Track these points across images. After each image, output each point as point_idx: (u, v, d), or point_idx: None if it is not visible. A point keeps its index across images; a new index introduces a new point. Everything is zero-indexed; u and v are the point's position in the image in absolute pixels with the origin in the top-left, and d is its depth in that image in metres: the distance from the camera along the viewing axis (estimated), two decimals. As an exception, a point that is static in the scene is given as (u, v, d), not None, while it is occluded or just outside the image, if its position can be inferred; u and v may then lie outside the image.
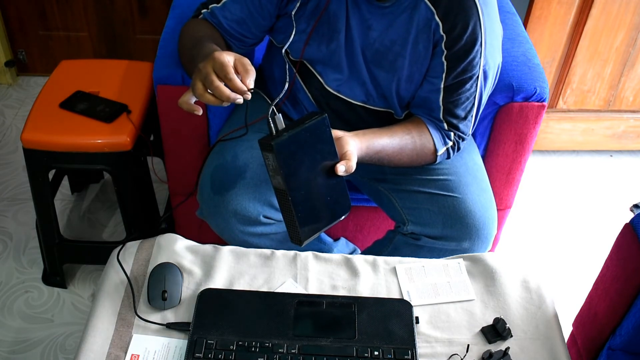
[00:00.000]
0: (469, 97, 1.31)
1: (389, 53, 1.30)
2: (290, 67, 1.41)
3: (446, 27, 1.24)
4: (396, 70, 1.32)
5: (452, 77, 1.28)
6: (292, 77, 1.42)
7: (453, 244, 1.37)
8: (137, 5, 2.44)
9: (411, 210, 1.41)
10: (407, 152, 1.34)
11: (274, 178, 1.06)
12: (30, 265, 1.91)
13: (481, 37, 1.24)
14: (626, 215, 2.17)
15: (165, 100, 1.51)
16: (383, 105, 1.39)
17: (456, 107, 1.31)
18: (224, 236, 1.42)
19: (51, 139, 1.59)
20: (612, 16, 2.07)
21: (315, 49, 1.34)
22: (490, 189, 1.45)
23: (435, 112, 1.33)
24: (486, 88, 1.32)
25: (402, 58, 1.30)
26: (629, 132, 2.40)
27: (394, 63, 1.31)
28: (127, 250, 1.24)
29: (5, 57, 2.55)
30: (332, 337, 1.09)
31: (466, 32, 1.23)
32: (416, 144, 1.34)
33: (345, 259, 1.25)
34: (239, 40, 1.39)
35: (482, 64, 1.27)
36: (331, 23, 1.31)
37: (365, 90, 1.37)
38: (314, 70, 1.38)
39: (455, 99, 1.30)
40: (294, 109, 1.49)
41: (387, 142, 1.30)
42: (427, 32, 1.26)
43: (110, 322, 1.12)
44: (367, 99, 1.38)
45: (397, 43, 1.29)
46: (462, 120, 1.33)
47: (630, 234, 1.14)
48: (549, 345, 1.12)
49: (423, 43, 1.27)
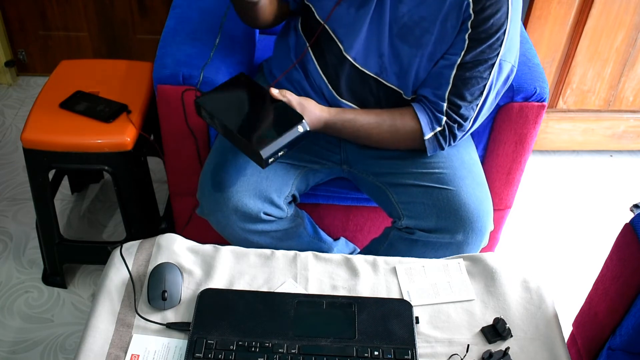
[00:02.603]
0: (480, 82, 1.31)
1: (416, 28, 1.31)
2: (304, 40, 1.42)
3: (477, 7, 1.25)
4: (421, 46, 1.32)
5: (471, 56, 1.29)
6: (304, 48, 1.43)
7: (447, 236, 1.37)
8: (137, 5, 2.44)
9: (406, 204, 1.41)
10: (385, 127, 1.37)
11: (216, 125, 1.28)
12: (30, 265, 1.91)
13: (507, 25, 1.27)
14: (626, 215, 2.17)
15: (165, 100, 1.51)
16: (395, 83, 1.39)
17: (465, 88, 1.31)
18: (225, 234, 1.42)
19: (51, 139, 1.59)
20: (612, 16, 2.07)
21: (344, 11, 1.35)
22: (485, 183, 1.45)
23: (443, 89, 1.33)
24: (497, 82, 1.33)
25: (429, 34, 1.31)
26: (629, 132, 2.40)
27: (420, 39, 1.32)
28: (127, 250, 1.24)
29: (5, 57, 2.55)
30: (332, 337, 1.09)
31: (495, 16, 1.25)
32: (396, 121, 1.37)
33: (345, 259, 1.25)
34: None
35: (501, 54, 1.29)
36: None
37: (381, 62, 1.37)
38: (335, 36, 1.38)
39: (467, 78, 1.31)
40: (307, 80, 1.48)
41: (361, 113, 1.38)
42: (458, 10, 1.27)
43: (110, 322, 1.12)
44: (380, 71, 1.38)
45: (426, 19, 1.30)
46: (467, 103, 1.33)
47: (630, 234, 1.14)
48: (549, 345, 1.12)
49: (451, 22, 1.29)
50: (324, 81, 1.44)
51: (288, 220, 1.48)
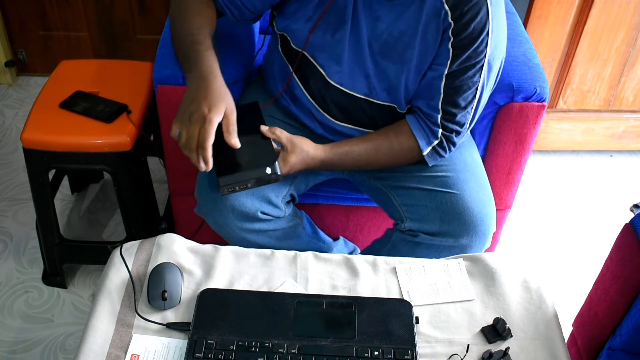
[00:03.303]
0: (471, 87, 1.30)
1: (397, 44, 1.30)
2: (287, 63, 1.41)
3: (455, 15, 1.23)
4: (405, 62, 1.31)
5: (457, 64, 1.27)
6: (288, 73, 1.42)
7: (450, 240, 1.37)
8: (137, 5, 2.44)
9: (409, 207, 1.41)
10: (383, 151, 1.36)
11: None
12: (30, 265, 1.91)
13: (488, 26, 1.24)
14: (626, 215, 2.17)
15: (165, 100, 1.51)
16: (387, 99, 1.38)
17: (457, 95, 1.30)
18: (222, 233, 1.42)
19: (51, 139, 1.59)
20: (612, 16, 2.07)
21: (320, 38, 1.33)
22: (488, 186, 1.45)
23: (435, 100, 1.32)
24: (489, 81, 1.32)
25: (411, 49, 1.29)
26: (629, 132, 2.40)
27: (403, 54, 1.30)
28: (127, 250, 1.24)
29: (5, 57, 2.55)
30: (332, 337, 1.09)
31: (474, 20, 1.23)
32: (393, 143, 1.36)
33: (345, 259, 1.25)
34: (238, 10, 1.38)
35: (488, 54, 1.27)
36: (339, 13, 1.30)
37: (369, 83, 1.36)
38: (316, 62, 1.37)
39: (458, 86, 1.29)
40: (294, 104, 1.49)
41: (356, 142, 1.36)
42: (437, 21, 1.25)
43: (110, 322, 1.12)
44: (370, 92, 1.38)
45: (406, 34, 1.28)
46: (462, 109, 1.32)
47: (630, 234, 1.14)
48: (549, 345, 1.12)
49: (432, 32, 1.27)
50: (314, 105, 1.44)
51: (286, 219, 1.48)
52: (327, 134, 1.48)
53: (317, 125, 1.48)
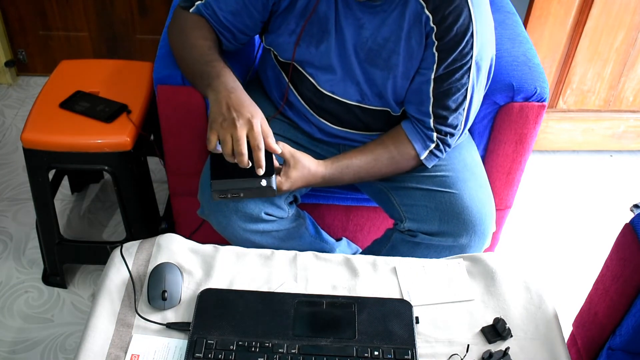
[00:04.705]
0: (460, 89, 1.30)
1: (382, 51, 1.30)
2: (280, 71, 1.42)
3: (436, 19, 1.24)
4: (391, 68, 1.32)
5: (443, 67, 1.27)
6: (284, 83, 1.43)
7: (450, 240, 1.37)
8: (137, 5, 2.44)
9: (409, 207, 1.41)
10: (383, 161, 1.37)
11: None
12: (30, 265, 1.91)
13: (472, 27, 1.24)
14: (626, 215, 2.17)
15: (165, 100, 1.50)
16: (379, 104, 1.39)
17: (447, 98, 1.30)
18: (226, 234, 1.42)
19: (51, 139, 1.59)
20: (612, 16, 2.07)
21: (304, 51, 1.35)
22: (488, 186, 1.45)
23: (425, 105, 1.32)
24: (479, 81, 1.32)
25: (396, 55, 1.30)
26: (629, 132, 2.40)
27: (388, 61, 1.31)
28: (127, 250, 1.24)
29: (5, 57, 2.55)
30: (332, 337, 1.09)
31: (457, 23, 1.23)
32: (392, 152, 1.37)
33: (345, 259, 1.25)
34: (231, 34, 1.39)
35: (475, 55, 1.27)
36: (321, 24, 1.31)
37: (360, 89, 1.37)
38: (306, 73, 1.39)
39: (446, 89, 1.29)
40: (291, 110, 1.50)
41: (355, 154, 1.36)
42: (419, 26, 1.26)
43: (110, 322, 1.12)
44: (362, 98, 1.39)
45: (390, 40, 1.29)
46: (453, 112, 1.32)
47: (630, 234, 1.14)
48: (549, 345, 1.12)
49: (415, 38, 1.27)
50: (309, 111, 1.45)
51: (289, 220, 1.48)
52: (325, 137, 1.49)
53: (316, 130, 1.49)
